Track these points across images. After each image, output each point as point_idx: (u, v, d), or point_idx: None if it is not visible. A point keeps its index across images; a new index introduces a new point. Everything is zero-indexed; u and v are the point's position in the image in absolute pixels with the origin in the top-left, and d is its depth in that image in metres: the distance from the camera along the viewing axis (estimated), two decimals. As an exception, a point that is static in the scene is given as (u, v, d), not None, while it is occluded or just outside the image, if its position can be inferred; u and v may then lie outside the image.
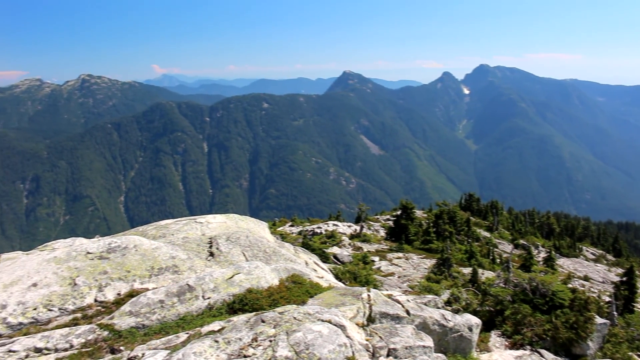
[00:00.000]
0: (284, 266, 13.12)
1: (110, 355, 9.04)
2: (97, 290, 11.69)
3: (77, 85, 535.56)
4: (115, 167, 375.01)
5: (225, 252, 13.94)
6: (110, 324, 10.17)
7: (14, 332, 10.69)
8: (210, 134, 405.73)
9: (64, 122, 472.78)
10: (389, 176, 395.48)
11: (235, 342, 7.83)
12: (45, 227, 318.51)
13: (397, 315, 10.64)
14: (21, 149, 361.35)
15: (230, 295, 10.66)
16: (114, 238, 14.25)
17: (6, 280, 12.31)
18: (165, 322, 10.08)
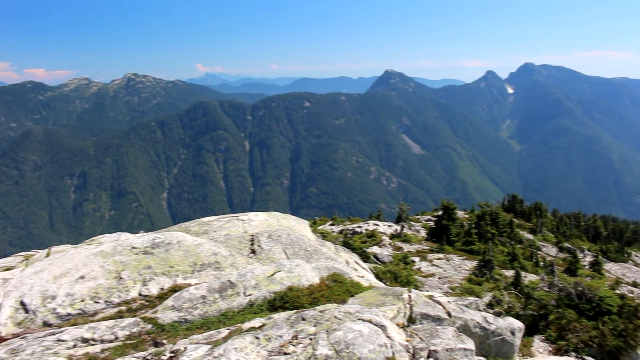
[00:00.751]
0: (324, 265, 13.13)
1: (153, 348, 9.19)
2: (141, 284, 11.92)
3: (122, 84, 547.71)
4: (158, 164, 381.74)
5: (267, 250, 14.03)
6: (153, 318, 10.35)
7: (63, 322, 11.00)
8: (252, 132, 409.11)
9: (110, 119, 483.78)
10: (430, 176, 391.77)
11: (275, 339, 7.87)
12: (91, 221, 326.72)
13: (438, 317, 10.54)
14: (69, 145, 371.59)
15: (271, 292, 10.73)
16: (158, 234, 14.51)
17: (56, 272, 12.69)
18: (207, 317, 10.20)
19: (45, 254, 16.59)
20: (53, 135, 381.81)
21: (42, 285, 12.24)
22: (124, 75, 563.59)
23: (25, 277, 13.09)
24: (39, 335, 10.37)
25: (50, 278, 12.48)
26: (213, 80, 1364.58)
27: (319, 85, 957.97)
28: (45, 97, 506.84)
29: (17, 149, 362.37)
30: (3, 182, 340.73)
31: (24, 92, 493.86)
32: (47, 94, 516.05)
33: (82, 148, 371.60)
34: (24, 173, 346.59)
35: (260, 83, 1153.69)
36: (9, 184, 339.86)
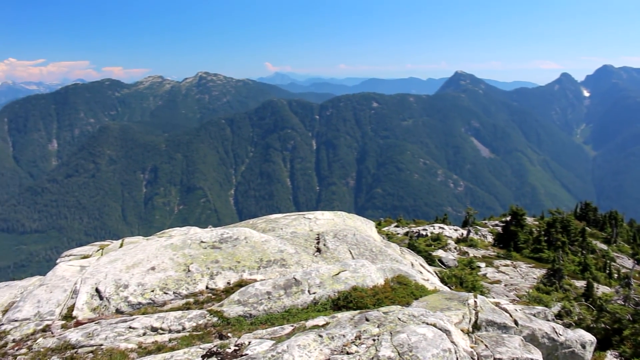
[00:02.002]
0: (389, 266, 13.05)
1: (218, 340, 9.38)
2: (208, 277, 12.20)
3: (194, 83, 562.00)
4: (227, 161, 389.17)
5: (332, 249, 14.07)
6: (219, 311, 10.57)
7: (134, 311, 11.40)
8: (320, 132, 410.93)
9: (182, 117, 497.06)
10: (499, 180, 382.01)
11: (338, 338, 7.87)
12: (160, 215, 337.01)
13: (504, 325, 10.28)
14: (143, 141, 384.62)
15: (335, 291, 10.74)
16: (226, 229, 14.81)
17: (129, 262, 13.17)
18: (271, 313, 10.32)
19: (119, 244, 17.25)
20: (128, 131, 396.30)
21: (115, 274, 12.73)
22: (196, 73, 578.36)
23: (101, 265, 13.65)
24: (111, 321, 10.80)
25: (124, 268, 12.97)
26: (282, 79, 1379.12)
27: (387, 86, 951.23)
28: (122, 94, 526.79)
29: (94, 144, 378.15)
30: (81, 174, 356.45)
31: (102, 90, 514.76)
32: (124, 91, 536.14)
33: (155, 144, 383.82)
34: (100, 166, 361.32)
35: (328, 83, 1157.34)
36: (86, 176, 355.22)
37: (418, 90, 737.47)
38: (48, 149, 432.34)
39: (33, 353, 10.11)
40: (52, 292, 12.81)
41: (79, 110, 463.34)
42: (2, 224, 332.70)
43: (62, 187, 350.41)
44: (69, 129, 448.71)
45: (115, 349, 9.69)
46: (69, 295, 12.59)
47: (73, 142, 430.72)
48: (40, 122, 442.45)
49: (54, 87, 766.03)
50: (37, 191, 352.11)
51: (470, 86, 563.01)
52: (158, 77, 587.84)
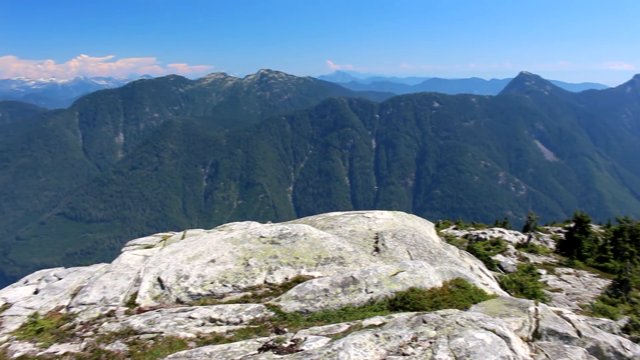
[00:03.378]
0: (448, 268, 12.87)
1: (274, 334, 9.49)
2: (267, 272, 12.35)
3: (256, 79, 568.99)
4: (286, 158, 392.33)
5: (391, 249, 13.99)
6: (276, 306, 10.69)
7: (193, 301, 11.67)
8: (379, 131, 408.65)
9: (243, 113, 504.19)
10: (563, 185, 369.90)
11: (395, 338, 7.83)
12: (220, 209, 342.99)
13: (566, 335, 9.97)
14: (204, 136, 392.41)
15: (392, 291, 10.68)
16: (286, 225, 14.96)
17: (190, 254, 13.48)
18: (328, 310, 10.36)
19: (181, 236, 17.68)
20: (190, 126, 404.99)
21: (177, 265, 13.06)
22: (258, 70, 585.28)
23: (163, 256, 14.04)
24: (172, 310, 11.10)
25: (185, 259, 13.29)
26: (343, 77, 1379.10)
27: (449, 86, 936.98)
28: (185, 90, 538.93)
29: (158, 137, 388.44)
30: (145, 167, 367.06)
31: (167, 85, 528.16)
32: (187, 87, 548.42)
33: (216, 139, 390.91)
34: (163, 160, 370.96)
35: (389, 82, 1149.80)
36: (149, 169, 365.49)
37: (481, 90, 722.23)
38: (115, 142, 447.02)
39: (98, 336, 10.53)
40: (117, 279, 13.28)
41: (145, 105, 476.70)
42: (71, 212, 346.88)
43: (126, 178, 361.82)
44: (135, 122, 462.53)
45: (175, 337, 9.97)
46: (132, 283, 13.03)
47: (138, 136, 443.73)
48: (108, 115, 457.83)
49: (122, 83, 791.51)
50: (103, 182, 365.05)
51: (535, 87, 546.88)
52: (221, 73, 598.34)
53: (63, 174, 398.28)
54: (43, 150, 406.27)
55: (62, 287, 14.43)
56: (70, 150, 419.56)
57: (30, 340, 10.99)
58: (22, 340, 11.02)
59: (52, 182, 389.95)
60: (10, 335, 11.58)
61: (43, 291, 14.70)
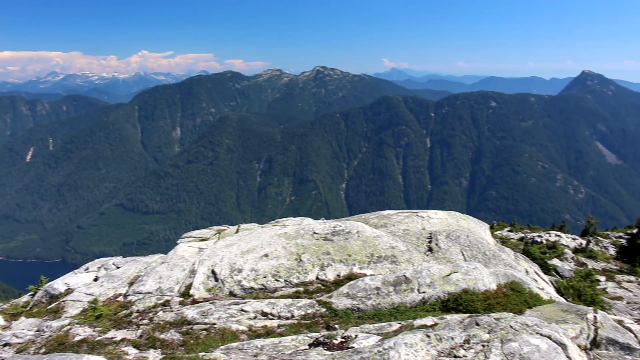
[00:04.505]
0: (503, 271, 12.60)
1: (325, 331, 9.52)
2: (319, 268, 12.40)
3: (311, 76, 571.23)
4: (340, 155, 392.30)
5: (444, 249, 13.82)
6: (328, 302, 10.72)
7: (246, 295, 11.83)
8: (434, 130, 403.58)
9: (297, 109, 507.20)
10: (626, 189, 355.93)
11: (447, 340, 7.73)
12: (272, 204, 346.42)
13: (627, 345, 9.58)
14: (259, 132, 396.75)
15: (445, 292, 10.55)
16: (339, 222, 14.97)
17: (243, 248, 13.67)
18: (379, 309, 10.32)
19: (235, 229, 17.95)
20: (245, 122, 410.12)
21: (231, 258, 13.27)
22: (313, 67, 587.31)
23: (217, 249, 14.29)
24: (225, 302, 11.28)
25: (239, 252, 13.49)
26: (398, 75, 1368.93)
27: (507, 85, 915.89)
28: (242, 86, 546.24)
29: (214, 132, 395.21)
30: (200, 161, 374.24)
31: (223, 81, 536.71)
32: (243, 83, 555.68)
33: (270, 135, 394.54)
34: (218, 155, 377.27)
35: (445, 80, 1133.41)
36: (205, 163, 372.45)
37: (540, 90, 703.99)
38: (172, 136, 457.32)
39: (154, 324, 10.82)
40: (172, 270, 13.61)
41: (202, 100, 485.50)
42: (129, 203, 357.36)
43: (182, 172, 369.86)
44: (192, 117, 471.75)
45: (227, 329, 10.13)
46: (187, 274, 13.32)
47: (195, 130, 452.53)
48: (166, 110, 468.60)
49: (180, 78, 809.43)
50: (160, 175, 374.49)
51: (598, 87, 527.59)
52: (277, 70, 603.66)
53: (122, 166, 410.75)
54: (104, 142, 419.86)
55: (120, 276, 14.89)
56: (130, 144, 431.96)
57: (90, 325, 11.40)
58: (82, 325, 11.45)
59: (112, 173, 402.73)
60: (72, 319, 12.06)
61: (102, 279, 15.20)
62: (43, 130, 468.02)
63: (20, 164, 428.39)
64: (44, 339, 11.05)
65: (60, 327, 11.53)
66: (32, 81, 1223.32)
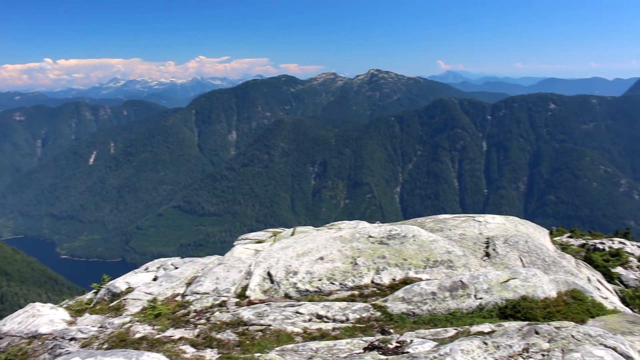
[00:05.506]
0: (563, 278, 12.25)
1: (380, 335, 9.49)
2: (374, 272, 12.37)
3: (366, 80, 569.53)
4: (394, 159, 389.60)
5: (502, 255, 13.55)
6: (383, 306, 10.68)
7: (301, 297, 11.92)
8: (491, 133, 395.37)
9: (352, 113, 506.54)
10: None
11: (504, 348, 7.57)
12: (327, 207, 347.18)
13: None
14: (314, 135, 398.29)
15: (503, 299, 10.34)
16: (394, 226, 14.90)
17: (299, 250, 13.77)
18: (435, 314, 10.21)
19: (290, 232, 18.11)
20: (300, 125, 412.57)
21: (286, 261, 13.39)
22: (368, 71, 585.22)
23: (273, 251, 14.45)
24: (280, 304, 11.40)
25: (294, 255, 13.59)
26: (454, 78, 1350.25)
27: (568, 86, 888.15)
28: (296, 90, 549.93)
29: (269, 136, 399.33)
30: (256, 164, 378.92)
31: (278, 85, 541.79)
32: (298, 87, 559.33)
33: (325, 138, 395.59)
34: (273, 158, 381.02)
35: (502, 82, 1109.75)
36: (260, 166, 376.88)
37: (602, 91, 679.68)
38: (228, 139, 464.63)
39: (210, 324, 11.05)
40: (229, 272, 13.85)
41: (257, 104, 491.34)
42: (185, 205, 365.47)
43: (238, 175, 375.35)
44: (247, 121, 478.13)
45: (282, 330, 10.23)
46: (243, 275, 13.52)
47: (250, 134, 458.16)
48: (222, 114, 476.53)
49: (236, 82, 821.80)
50: (216, 178, 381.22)
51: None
52: (331, 73, 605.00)
53: (179, 169, 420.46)
54: (162, 146, 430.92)
55: (178, 276, 15.25)
56: (187, 147, 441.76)
57: (149, 323, 11.74)
58: (142, 323, 11.81)
59: (170, 176, 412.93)
60: (132, 317, 12.47)
61: (161, 278, 15.61)
62: (105, 134, 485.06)
63: (84, 166, 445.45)
64: (106, 335, 11.45)
65: (122, 325, 11.92)
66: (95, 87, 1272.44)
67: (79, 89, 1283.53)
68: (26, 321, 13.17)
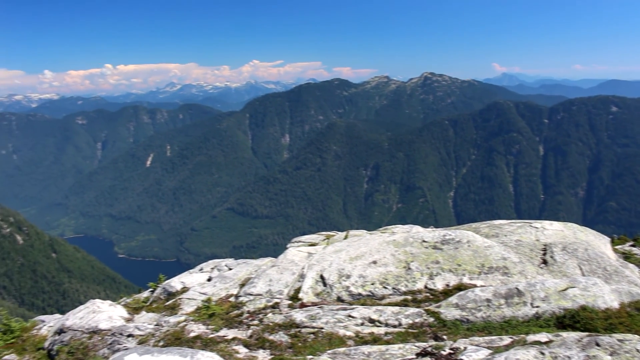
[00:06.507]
0: (627, 289, 11.78)
1: (433, 341, 9.40)
2: (427, 277, 12.24)
3: (419, 83, 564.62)
4: (448, 163, 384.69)
5: (560, 262, 13.17)
6: (436, 312, 10.56)
7: (353, 301, 11.92)
8: (548, 137, 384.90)
9: (405, 116, 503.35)
10: None
11: (562, 359, 7.36)
12: (379, 211, 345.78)
13: None
14: (366, 139, 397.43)
15: (560, 308, 10.04)
16: (449, 230, 14.71)
17: (352, 254, 13.77)
18: (489, 321, 10.03)
19: (343, 235, 18.13)
20: (353, 129, 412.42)
21: (339, 264, 13.41)
22: (421, 74, 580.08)
23: (326, 254, 14.49)
24: (332, 307, 11.42)
25: (347, 258, 13.60)
26: (510, 80, 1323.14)
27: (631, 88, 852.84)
28: (349, 93, 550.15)
29: (322, 139, 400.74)
30: (308, 167, 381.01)
31: (331, 89, 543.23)
32: (351, 90, 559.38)
33: (378, 142, 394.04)
34: (325, 161, 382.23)
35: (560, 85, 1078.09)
36: (313, 169, 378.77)
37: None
38: (281, 143, 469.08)
39: (263, 325, 11.18)
40: (282, 274, 13.98)
41: (310, 108, 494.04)
42: (239, 207, 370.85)
43: (291, 178, 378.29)
44: (300, 124, 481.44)
45: (334, 334, 10.25)
46: (296, 278, 13.62)
47: (303, 137, 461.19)
48: (275, 118, 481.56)
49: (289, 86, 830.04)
50: (269, 180, 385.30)
51: None
52: (384, 77, 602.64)
53: (233, 172, 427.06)
54: (217, 149, 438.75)
55: (232, 277, 15.49)
56: (241, 150, 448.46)
57: (203, 322, 11.98)
58: (196, 322, 12.06)
59: (224, 179, 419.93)
60: (187, 316, 12.76)
61: (215, 279, 15.89)
62: (162, 137, 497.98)
63: (141, 168, 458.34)
64: (162, 332, 11.75)
65: (177, 323, 12.20)
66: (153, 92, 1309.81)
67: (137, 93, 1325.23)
68: (87, 317, 13.65)
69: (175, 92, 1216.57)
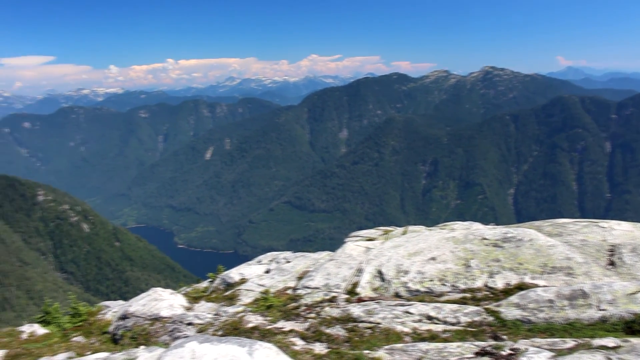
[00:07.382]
0: (701, 293, 11.28)
1: (492, 341, 9.22)
2: (487, 275, 12.01)
3: (479, 77, 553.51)
4: (508, 159, 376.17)
5: (629, 264, 12.65)
6: (496, 311, 10.35)
7: (411, 297, 11.83)
8: (616, 133, 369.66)
9: (465, 111, 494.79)
10: None
11: (631, 366, 7.10)
12: (437, 208, 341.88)
13: None
14: (425, 134, 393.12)
15: (629, 312, 9.65)
16: (510, 228, 14.41)
17: (411, 250, 13.69)
18: (552, 323, 9.76)
19: (402, 231, 18.03)
20: (411, 124, 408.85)
21: (397, 260, 13.34)
22: (481, 68, 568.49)
23: (385, 249, 14.45)
24: (390, 303, 11.37)
25: (405, 254, 13.52)
26: (575, 74, 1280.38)
27: None
28: (408, 88, 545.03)
29: (380, 134, 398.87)
30: (366, 162, 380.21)
31: (389, 83, 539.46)
32: (409, 84, 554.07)
33: (436, 137, 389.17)
34: (383, 156, 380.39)
35: (630, 78, 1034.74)
36: (370, 164, 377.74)
37: None
38: (339, 137, 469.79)
39: (320, 319, 11.25)
40: (339, 268, 14.02)
41: (368, 102, 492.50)
42: (296, 201, 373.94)
43: (348, 172, 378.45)
44: (358, 119, 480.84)
45: (391, 329, 10.21)
46: (354, 272, 13.63)
47: (361, 132, 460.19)
48: (334, 112, 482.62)
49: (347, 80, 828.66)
50: (326, 175, 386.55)
51: None
52: (443, 71, 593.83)
53: (291, 166, 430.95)
54: (275, 143, 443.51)
55: (290, 270, 15.65)
56: (299, 144, 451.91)
57: (261, 314, 12.17)
58: (254, 313, 12.27)
59: (282, 172, 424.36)
60: (245, 307, 13.00)
61: (273, 271, 16.11)
62: (221, 130, 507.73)
63: (201, 161, 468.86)
64: (220, 322, 12.01)
65: (235, 313, 12.44)
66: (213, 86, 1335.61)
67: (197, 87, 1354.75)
68: (149, 304, 14.11)
69: (235, 87, 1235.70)
